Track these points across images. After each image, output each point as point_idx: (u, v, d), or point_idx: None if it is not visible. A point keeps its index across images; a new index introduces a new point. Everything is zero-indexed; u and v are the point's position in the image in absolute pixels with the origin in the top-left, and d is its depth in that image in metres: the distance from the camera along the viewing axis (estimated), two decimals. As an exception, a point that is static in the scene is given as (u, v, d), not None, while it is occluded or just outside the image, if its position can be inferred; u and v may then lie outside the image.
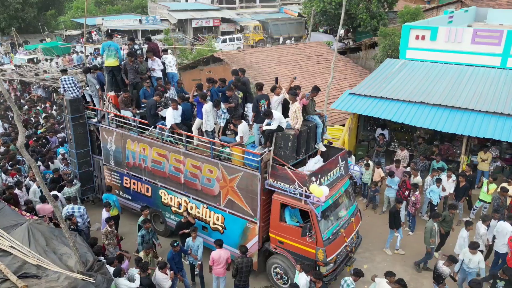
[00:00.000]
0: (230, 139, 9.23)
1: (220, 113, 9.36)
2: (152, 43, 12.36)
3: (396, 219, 10.35)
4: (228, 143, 9.04)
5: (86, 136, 11.91)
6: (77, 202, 10.45)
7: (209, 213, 9.83)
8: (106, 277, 7.43)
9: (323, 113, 9.54)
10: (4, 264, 7.08)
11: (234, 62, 24.97)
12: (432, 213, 10.32)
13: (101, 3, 64.78)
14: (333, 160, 9.11)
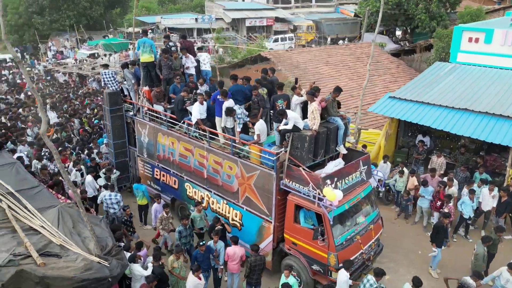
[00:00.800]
0: (249, 137, 9.29)
1: (237, 117, 9.39)
2: (187, 41, 12.76)
3: (439, 234, 9.50)
4: (247, 141, 9.10)
5: (123, 127, 12.57)
6: (113, 190, 11.09)
7: (229, 209, 9.98)
8: (121, 262, 7.80)
9: (345, 115, 9.29)
10: (31, 241, 7.70)
11: (280, 61, 24.99)
12: (483, 237, 9.34)
13: (164, 2, 67.74)
14: (353, 164, 8.85)
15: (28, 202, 9.23)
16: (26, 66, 29.39)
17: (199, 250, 8.55)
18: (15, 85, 22.64)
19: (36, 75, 25.90)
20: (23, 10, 45.04)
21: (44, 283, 6.66)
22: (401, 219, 12.30)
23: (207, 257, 8.70)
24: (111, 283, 7.44)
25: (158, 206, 10.72)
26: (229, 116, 9.19)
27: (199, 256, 8.55)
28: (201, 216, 9.88)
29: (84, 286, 7.04)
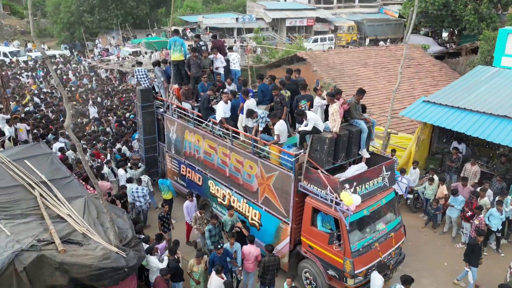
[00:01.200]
0: (270, 137, 9.27)
1: (253, 120, 9.40)
2: (218, 41, 12.94)
3: (473, 253, 8.95)
4: (267, 141, 9.09)
5: (154, 124, 12.94)
6: (140, 183, 11.47)
7: (248, 208, 10.03)
8: (138, 253, 8.06)
9: (369, 119, 9.04)
10: (56, 229, 8.12)
11: (316, 62, 24.74)
12: None
13: (208, 2, 69.00)
14: (374, 169, 8.61)
15: (59, 191, 9.74)
16: (73, 63, 30.95)
17: (216, 253, 8.45)
18: (61, 80, 23.93)
19: (82, 71, 27.23)
20: (75, 9, 47.37)
21: (63, 269, 6.99)
22: (429, 228, 11.81)
23: (224, 259, 8.57)
24: (127, 273, 7.69)
25: (189, 204, 10.60)
26: (250, 117, 9.23)
27: (216, 259, 8.42)
28: (232, 221, 9.53)
29: (100, 274, 7.33)
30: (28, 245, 6.92)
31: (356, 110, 8.82)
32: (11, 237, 7.29)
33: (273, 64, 29.50)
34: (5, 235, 7.42)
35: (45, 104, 18.56)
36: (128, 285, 8.20)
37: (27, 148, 11.99)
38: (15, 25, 60.21)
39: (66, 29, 48.77)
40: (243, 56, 35.10)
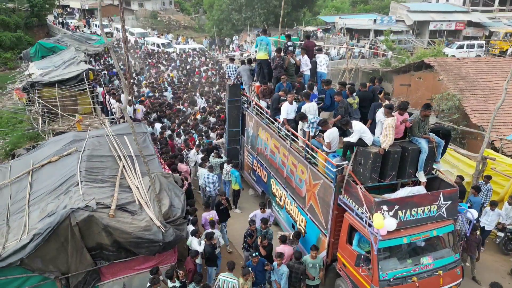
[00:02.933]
0: (320, 144, 8.94)
1: (307, 124, 9.12)
2: (309, 42, 12.83)
3: None
4: (317, 147, 8.81)
5: (238, 118, 13.62)
6: (212, 170, 12.33)
7: (297, 212, 9.89)
8: (177, 232, 8.79)
9: (433, 138, 7.92)
10: (120, 197, 9.39)
11: (445, 70, 22.49)
12: None
13: (357, 3, 67.74)
14: (427, 195, 7.58)
15: (139, 165, 11.19)
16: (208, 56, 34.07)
17: (251, 261, 8.29)
18: (193, 71, 26.70)
19: (210, 65, 29.82)
20: (225, 7, 51.89)
21: (107, 231, 8.12)
22: (519, 278, 9.81)
23: (260, 270, 8.23)
24: (162, 247, 8.48)
25: (261, 215, 9.98)
26: (301, 121, 9.05)
27: (251, 268, 8.17)
28: (313, 264, 8.50)
29: (138, 243, 8.30)
30: (83, 204, 8.20)
31: (419, 127, 7.86)
32: (80, 197, 8.76)
33: (400, 69, 27.71)
34: (78, 194, 8.94)
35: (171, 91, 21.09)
36: (168, 258, 9.06)
37: (128, 126, 14.01)
38: (181, 21, 69.06)
39: (216, 26, 53.77)
40: (370, 58, 33.70)
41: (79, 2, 65.35)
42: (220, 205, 10.72)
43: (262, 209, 10.18)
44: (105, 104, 18.77)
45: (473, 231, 9.45)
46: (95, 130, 13.62)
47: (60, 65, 23.07)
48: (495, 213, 10.13)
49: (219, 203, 10.75)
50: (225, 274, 8.07)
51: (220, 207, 10.68)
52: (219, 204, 10.74)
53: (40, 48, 27.84)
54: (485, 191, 11.09)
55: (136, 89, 20.80)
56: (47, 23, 49.07)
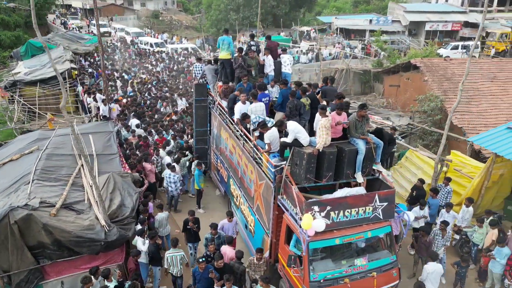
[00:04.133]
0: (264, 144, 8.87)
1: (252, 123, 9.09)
2: (271, 42, 12.77)
3: None
4: (262, 148, 8.75)
5: (206, 117, 13.59)
6: (174, 170, 12.33)
7: (248, 213, 9.86)
8: (122, 232, 8.78)
9: (371, 139, 7.83)
10: (71, 195, 9.43)
11: (431, 71, 22.36)
12: None
13: (359, 3, 67.41)
14: (361, 196, 7.51)
15: (99, 164, 11.23)
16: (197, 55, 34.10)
17: (198, 268, 8.06)
18: (182, 71, 26.74)
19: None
20: (224, 7, 51.91)
21: (47, 230, 8.14)
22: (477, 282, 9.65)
23: (206, 277, 7.92)
24: (105, 246, 8.48)
25: (227, 224, 9.58)
26: (244, 120, 9.02)
27: (197, 274, 8.04)
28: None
29: (78, 241, 8.30)
30: (23, 202, 8.25)
31: (356, 128, 7.78)
32: (26, 195, 8.81)
33: (390, 70, 27.52)
34: (25, 193, 8.99)
35: (149, 91, 21.15)
36: (114, 258, 9.05)
37: (97, 124, 14.10)
38: (182, 20, 69.30)
39: (214, 25, 53.85)
40: (363, 59, 33.47)
41: (81, 1, 65.88)
42: (187, 223, 9.76)
43: (229, 217, 9.57)
44: (84, 103, 18.92)
45: (425, 234, 9.35)
46: (62, 129, 13.70)
47: (46, 64, 23.27)
48: (450, 215, 10.01)
49: (186, 222, 9.76)
50: (170, 251, 8.74)
51: (187, 226, 9.73)
52: (186, 223, 9.77)
53: (30, 47, 28.10)
54: (445, 193, 10.97)
55: (118, 87, 20.94)
56: (47, 23, 49.47)
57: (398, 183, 13.10)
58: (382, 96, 28.43)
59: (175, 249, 8.73)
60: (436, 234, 9.40)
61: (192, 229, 9.62)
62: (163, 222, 10.31)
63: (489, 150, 11.33)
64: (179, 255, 8.66)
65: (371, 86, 31.81)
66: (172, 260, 8.65)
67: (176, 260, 8.65)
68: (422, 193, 11.10)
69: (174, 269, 8.71)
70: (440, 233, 9.33)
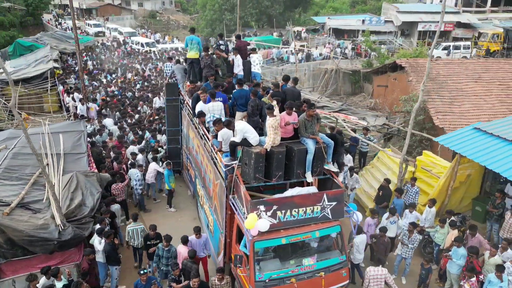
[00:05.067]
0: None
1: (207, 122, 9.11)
2: (240, 42, 12.74)
3: None
4: (216, 147, 8.72)
5: (177, 117, 13.56)
6: (142, 169, 12.30)
7: (209, 213, 9.83)
8: (77, 231, 8.73)
9: (319, 138, 7.78)
10: (30, 194, 9.45)
11: (416, 72, 22.28)
12: None
13: (357, 3, 67.29)
14: (309, 195, 7.46)
15: (66, 164, 11.22)
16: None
17: (140, 280, 8.01)
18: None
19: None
20: (218, 7, 51.86)
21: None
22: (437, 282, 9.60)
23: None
24: (58, 245, 8.45)
25: (195, 241, 8.94)
26: (199, 119, 8.99)
27: (139, 286, 8.02)
28: None
29: (31, 241, 8.29)
30: (-26, 202, 8.24)
31: (306, 127, 7.73)
32: (-18, 194, 8.81)
33: (378, 71, 27.46)
34: (-19, 192, 8.99)
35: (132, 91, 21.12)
36: (71, 257, 9.02)
37: (69, 124, 14.08)
38: (180, 21, 69.33)
39: (208, 26, 53.79)
40: (353, 59, 33.43)
41: (78, 1, 65.88)
42: (147, 239, 9.43)
43: (197, 234, 8.89)
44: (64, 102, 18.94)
45: (383, 233, 9.31)
46: (34, 128, 13.70)
47: (31, 63, 23.30)
48: (413, 215, 9.96)
49: (147, 237, 9.42)
50: (131, 225, 9.74)
51: (147, 242, 9.40)
52: (147, 238, 9.43)
53: (18, 47, 28.15)
54: (413, 193, 10.92)
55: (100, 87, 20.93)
56: (43, 23, 49.52)
57: (368, 183, 13.07)
58: (371, 97, 28.40)
59: (135, 223, 9.75)
60: (404, 235, 9.37)
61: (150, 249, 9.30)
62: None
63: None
64: (140, 227, 9.67)
65: (361, 86, 31.77)
66: (133, 233, 9.60)
67: (136, 232, 9.60)
68: (388, 192, 11.07)
69: (135, 242, 9.64)
70: (407, 234, 9.29)
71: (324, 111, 17.44)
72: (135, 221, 9.79)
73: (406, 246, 9.22)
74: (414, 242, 9.22)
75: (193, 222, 11.69)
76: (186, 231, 9.47)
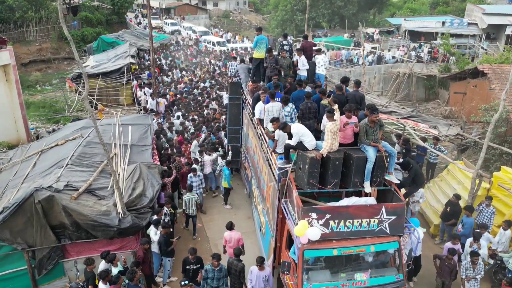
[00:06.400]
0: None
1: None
2: (306, 42, 12.44)
3: None
4: (271, 147, 8.56)
5: (239, 115, 13.65)
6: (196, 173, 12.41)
7: (262, 214, 9.73)
8: (136, 220, 9.11)
9: (381, 147, 7.28)
10: (97, 181, 10.02)
11: (499, 79, 20.50)
12: None
13: (438, 4, 63.50)
14: (366, 207, 7.03)
15: (132, 154, 11.82)
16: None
17: None
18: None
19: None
20: (290, 7, 51.76)
21: (66, 211, 8.71)
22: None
23: None
24: (118, 232, 8.86)
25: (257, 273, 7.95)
26: (257, 119, 8.88)
27: None
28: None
29: (94, 225, 8.78)
30: (46, 185, 8.91)
31: (367, 134, 7.30)
32: (56, 178, 9.52)
33: (456, 76, 25.61)
34: (56, 176, 9.73)
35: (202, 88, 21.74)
36: (129, 244, 9.42)
37: (138, 117, 14.80)
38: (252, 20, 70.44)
39: (279, 26, 53.90)
40: (429, 63, 31.42)
41: (158, 1, 69.50)
42: (187, 263, 8.58)
43: (260, 265, 7.88)
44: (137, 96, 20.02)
45: (449, 255, 8.54)
46: (107, 119, 14.60)
47: (111, 58, 24.99)
48: (484, 237, 9.03)
49: (187, 261, 8.58)
50: (187, 194, 11.03)
51: (187, 267, 8.55)
52: (186, 262, 8.59)
53: (102, 43, 30.36)
54: (489, 214, 9.93)
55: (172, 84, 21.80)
56: (126, 21, 52.97)
57: (435, 197, 12.13)
58: (446, 104, 26.50)
59: (191, 193, 11.01)
60: (467, 269, 8.41)
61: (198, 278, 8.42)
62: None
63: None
64: (194, 197, 10.93)
65: (436, 92, 29.76)
66: (189, 202, 10.89)
67: (192, 201, 10.88)
68: (457, 209, 10.18)
69: (189, 210, 10.94)
70: (471, 266, 8.38)
71: (392, 117, 16.52)
72: (191, 192, 11.04)
73: (474, 279, 8.31)
74: (480, 271, 8.30)
75: (247, 221, 11.74)
76: (239, 229, 9.51)
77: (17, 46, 33.92)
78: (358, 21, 49.78)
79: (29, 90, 27.74)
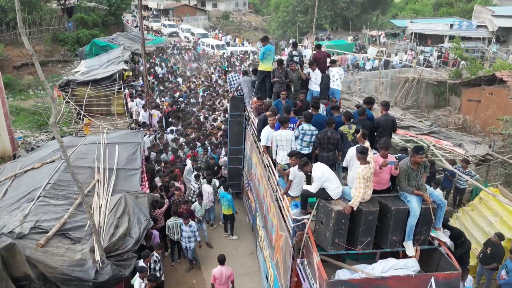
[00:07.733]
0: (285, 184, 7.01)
1: None
2: (319, 52, 10.83)
3: None
4: (282, 188, 6.94)
5: (241, 134, 12.03)
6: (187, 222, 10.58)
7: (269, 264, 8.11)
8: (117, 270, 7.52)
9: (429, 199, 5.67)
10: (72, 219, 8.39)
11: (518, 87, 18.92)
12: None
13: (441, 5, 61.97)
14: (409, 278, 5.41)
15: (117, 180, 10.21)
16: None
17: None
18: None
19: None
20: (292, 8, 50.17)
21: (31, 263, 7.10)
22: None
23: None
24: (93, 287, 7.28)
25: None
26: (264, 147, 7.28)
27: None
28: None
29: (64, 279, 7.18)
30: (7, 230, 7.30)
31: (409, 178, 5.69)
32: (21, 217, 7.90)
33: (470, 82, 24.09)
34: (23, 213, 8.11)
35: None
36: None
37: (126, 134, 13.16)
38: (252, 22, 68.81)
39: (280, 28, 52.33)
40: (438, 68, 29.89)
41: (156, 2, 67.77)
42: None
43: None
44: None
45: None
46: (93, 136, 12.97)
47: (103, 64, 23.34)
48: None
49: None
50: (171, 219, 9.91)
51: None
52: None
53: (95, 46, 28.69)
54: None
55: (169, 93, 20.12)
56: (123, 22, 51.24)
57: (467, 231, 10.53)
58: (458, 112, 24.94)
59: (175, 217, 9.88)
60: None
61: None
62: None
63: None
64: (179, 222, 9.78)
65: (446, 99, 28.24)
66: (173, 227, 9.83)
67: (176, 226, 9.81)
68: (500, 251, 8.62)
69: (175, 236, 9.88)
70: None
71: (410, 132, 14.93)
72: (175, 215, 9.94)
73: None
74: None
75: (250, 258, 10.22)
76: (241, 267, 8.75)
77: (9, 48, 32.51)
78: (361, 23, 48.34)
79: (21, 95, 26.17)
